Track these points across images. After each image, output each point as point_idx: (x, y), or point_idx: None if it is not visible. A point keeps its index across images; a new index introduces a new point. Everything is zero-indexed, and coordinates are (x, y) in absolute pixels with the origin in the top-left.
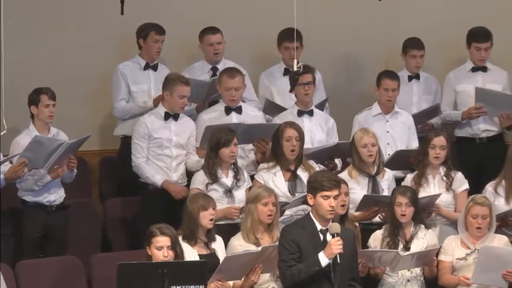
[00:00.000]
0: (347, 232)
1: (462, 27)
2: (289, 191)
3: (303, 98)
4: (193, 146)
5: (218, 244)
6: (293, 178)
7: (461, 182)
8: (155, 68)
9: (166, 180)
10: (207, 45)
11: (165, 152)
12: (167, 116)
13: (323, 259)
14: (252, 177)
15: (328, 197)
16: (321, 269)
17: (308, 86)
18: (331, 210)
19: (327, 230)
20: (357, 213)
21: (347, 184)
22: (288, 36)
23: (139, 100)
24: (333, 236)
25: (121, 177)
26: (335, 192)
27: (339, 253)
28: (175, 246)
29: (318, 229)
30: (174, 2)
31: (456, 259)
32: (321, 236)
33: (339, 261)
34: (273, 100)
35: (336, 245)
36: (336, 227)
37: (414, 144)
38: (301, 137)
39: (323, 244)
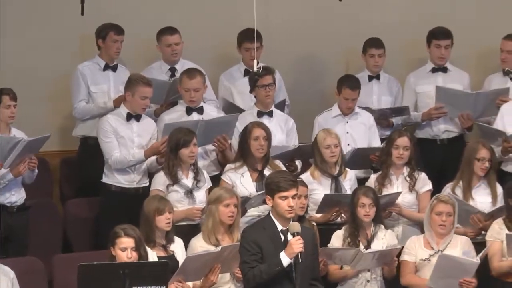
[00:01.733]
0: (307, 231)
1: (423, 28)
2: (257, 191)
3: (264, 100)
4: None
5: (177, 246)
6: (260, 178)
7: (424, 183)
8: (114, 68)
9: (146, 150)
10: (165, 46)
11: (127, 152)
12: (129, 117)
13: (285, 259)
14: (213, 178)
15: (286, 197)
16: (283, 269)
17: (269, 88)
18: (290, 210)
19: (287, 230)
20: (319, 215)
21: (307, 186)
22: (248, 37)
23: (99, 101)
24: (293, 236)
25: (82, 177)
26: (293, 192)
27: (300, 252)
28: (139, 248)
29: (279, 229)
30: (133, 3)
31: (420, 260)
32: (282, 236)
33: (300, 260)
34: (233, 100)
35: (297, 244)
36: (296, 226)
37: (376, 144)
38: (268, 137)
39: (284, 244)
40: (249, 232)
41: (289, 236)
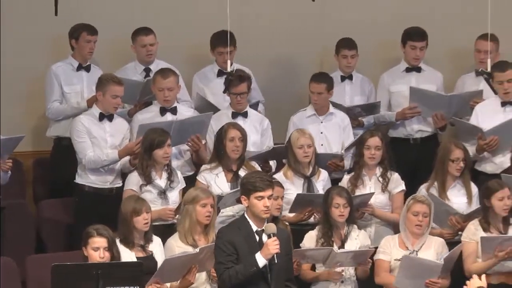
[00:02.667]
0: (282, 232)
1: (397, 28)
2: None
3: (237, 106)
4: None
5: (156, 246)
6: (235, 179)
7: (397, 183)
8: (88, 69)
9: (120, 150)
10: (139, 46)
11: (100, 152)
12: (101, 117)
13: (260, 260)
14: (187, 178)
15: (262, 197)
16: (259, 269)
17: (240, 97)
18: (266, 210)
19: (262, 230)
20: (292, 215)
21: (283, 187)
22: (222, 40)
23: (72, 101)
24: (269, 237)
25: (55, 178)
26: (269, 192)
27: (276, 253)
28: (111, 248)
29: (254, 229)
30: (108, 3)
31: (394, 259)
32: (257, 237)
33: (276, 261)
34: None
35: (273, 245)
36: (272, 227)
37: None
38: (244, 138)
39: (259, 245)
40: (224, 233)
41: (264, 237)
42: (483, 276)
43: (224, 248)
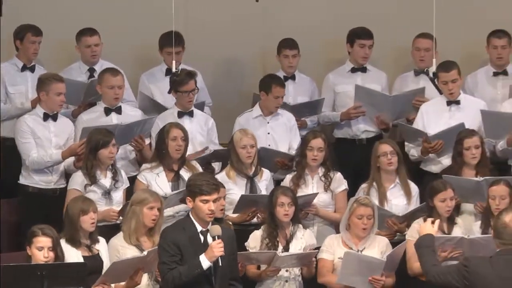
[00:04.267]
0: (226, 232)
1: (340, 28)
2: (172, 191)
3: (186, 105)
4: None
5: (101, 246)
6: (176, 179)
7: (340, 183)
8: (32, 69)
9: (63, 151)
10: (84, 47)
11: (44, 153)
12: (45, 117)
13: (205, 262)
14: (132, 178)
15: (207, 201)
16: (202, 271)
17: (192, 94)
18: (210, 214)
19: (207, 231)
20: (235, 216)
21: (224, 188)
22: (169, 41)
23: (17, 102)
24: (214, 239)
25: (1, 178)
26: (215, 196)
27: (221, 256)
28: (56, 248)
29: (199, 230)
30: (52, 4)
31: (338, 258)
32: (202, 238)
33: (220, 264)
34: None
35: (217, 248)
36: (216, 229)
37: (296, 145)
38: (186, 138)
39: (204, 246)
40: (168, 233)
41: (209, 238)
42: (437, 221)
43: (168, 249)
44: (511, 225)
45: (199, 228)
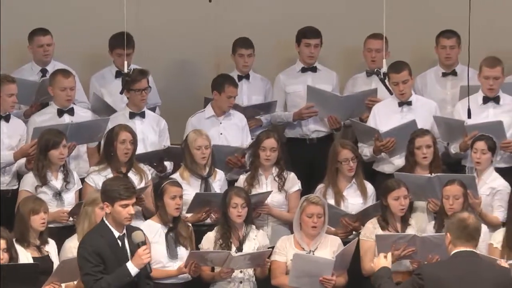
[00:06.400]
0: (133, 229)
1: (293, 28)
2: None
3: (139, 103)
4: None
5: (51, 247)
6: None
7: (293, 183)
8: None
9: (15, 152)
10: (36, 47)
11: None
12: None
13: (133, 269)
14: (83, 180)
15: (127, 205)
16: (132, 279)
17: (145, 92)
18: (130, 218)
19: (124, 235)
20: (189, 215)
21: (181, 187)
22: (120, 42)
23: None
24: (138, 245)
25: None
26: (133, 200)
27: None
28: (10, 249)
29: (116, 236)
30: (3, 4)
31: (291, 260)
32: (120, 243)
33: (150, 270)
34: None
35: (145, 255)
36: (140, 235)
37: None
38: (134, 140)
39: (123, 250)
40: (88, 242)
41: (126, 243)
42: (389, 255)
43: (90, 259)
44: (470, 225)
45: (116, 233)
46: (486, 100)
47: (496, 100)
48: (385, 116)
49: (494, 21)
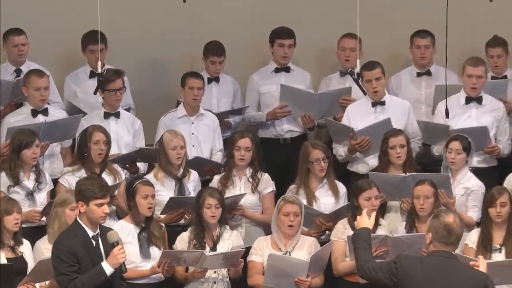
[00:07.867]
0: (107, 230)
1: (265, 28)
2: None
3: (114, 103)
4: None
5: (25, 248)
6: None
7: (267, 184)
8: None
9: None
10: (11, 46)
11: None
12: None
13: (108, 269)
14: (57, 180)
15: (102, 204)
16: (107, 279)
17: (119, 92)
18: (104, 217)
19: (98, 235)
20: (162, 216)
21: (153, 187)
22: (92, 39)
23: None
24: (113, 245)
25: None
26: (108, 199)
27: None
28: None
29: (90, 235)
30: None
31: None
32: (94, 242)
33: (125, 270)
34: (78, 102)
35: (120, 254)
36: (115, 235)
37: (219, 146)
38: (108, 141)
39: (97, 250)
40: (62, 243)
41: (100, 242)
42: (373, 214)
43: (65, 259)
44: (455, 232)
45: (90, 233)
46: (468, 100)
47: (479, 100)
48: (358, 116)
49: (470, 21)
